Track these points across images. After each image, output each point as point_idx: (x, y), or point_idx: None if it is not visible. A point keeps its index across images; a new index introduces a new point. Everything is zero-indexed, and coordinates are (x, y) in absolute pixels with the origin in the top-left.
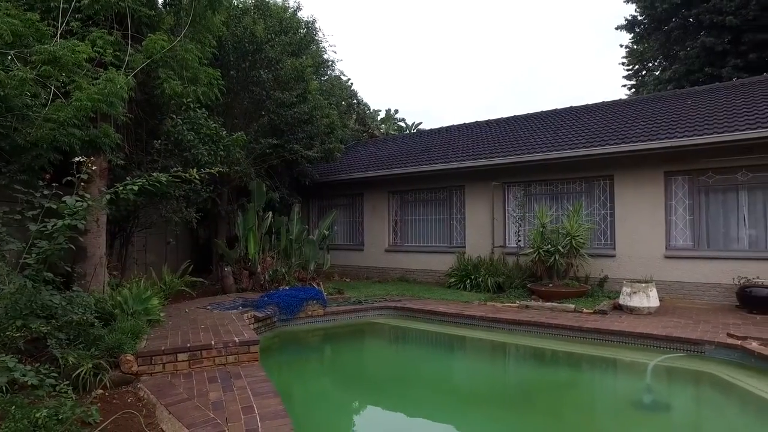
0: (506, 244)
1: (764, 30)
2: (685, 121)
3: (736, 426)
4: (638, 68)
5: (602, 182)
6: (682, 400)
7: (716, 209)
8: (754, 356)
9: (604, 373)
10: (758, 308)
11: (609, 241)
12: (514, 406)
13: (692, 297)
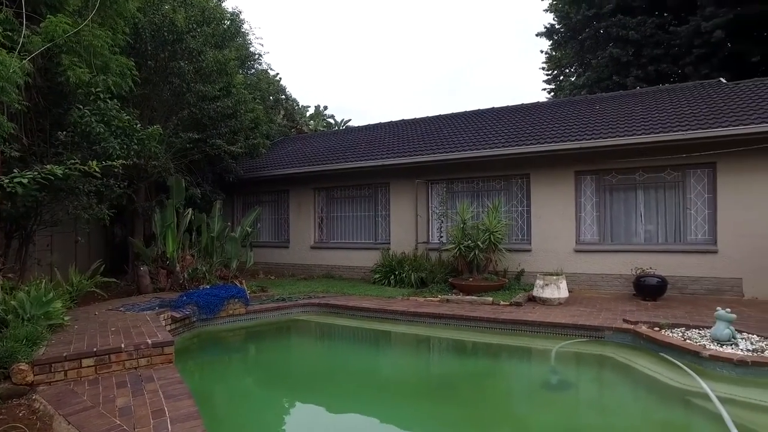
0: (429, 240)
1: (659, 46)
2: (594, 125)
3: (626, 399)
4: (556, 73)
5: (520, 180)
6: (583, 380)
7: (618, 206)
8: (643, 338)
9: (518, 360)
10: (650, 295)
11: (525, 237)
12: (436, 396)
13: (598, 287)
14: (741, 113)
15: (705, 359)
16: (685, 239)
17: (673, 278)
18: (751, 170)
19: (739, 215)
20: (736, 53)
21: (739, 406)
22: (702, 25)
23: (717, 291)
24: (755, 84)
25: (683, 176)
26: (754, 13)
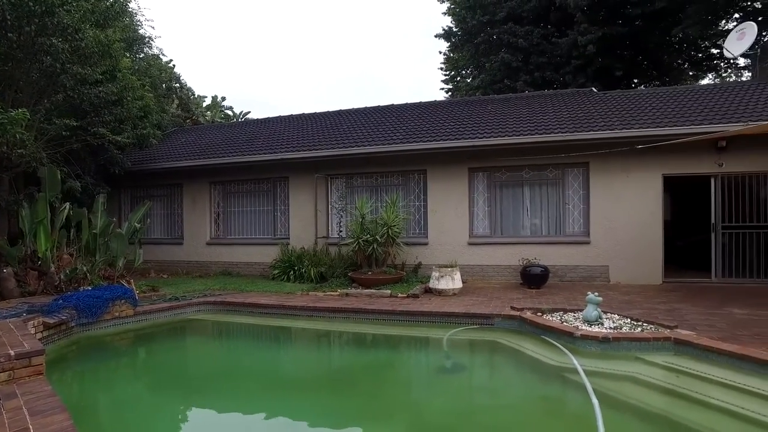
0: (329, 234)
1: (543, 54)
2: (486, 125)
3: (512, 379)
4: (454, 74)
5: (417, 176)
6: (474, 364)
7: (508, 202)
8: (528, 323)
9: (415, 349)
10: (534, 284)
11: (422, 231)
12: (337, 389)
13: (490, 278)
14: (608, 119)
15: (578, 338)
16: (564, 232)
17: (555, 267)
18: (615, 170)
19: (606, 210)
20: (605, 66)
21: (602, 376)
22: (578, 40)
23: (589, 278)
24: (620, 95)
25: (563, 174)
26: (618, 33)
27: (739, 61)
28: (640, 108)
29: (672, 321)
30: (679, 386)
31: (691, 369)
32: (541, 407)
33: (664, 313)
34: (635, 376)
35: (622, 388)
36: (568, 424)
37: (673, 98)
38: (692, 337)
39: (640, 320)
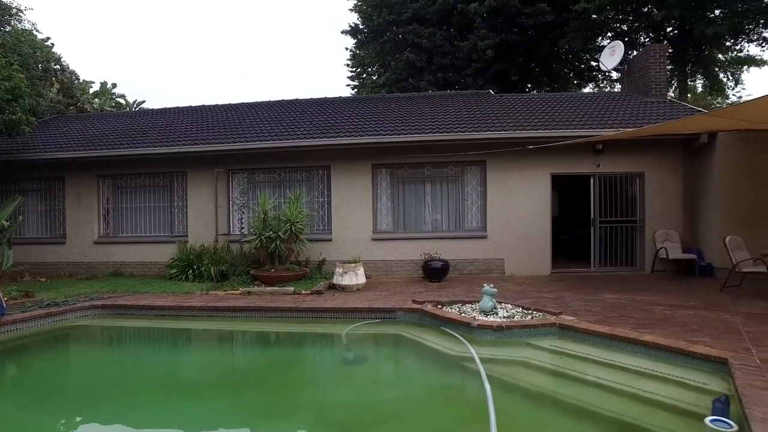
0: (230, 231)
1: (446, 56)
2: (390, 122)
3: (413, 370)
4: (360, 71)
5: (321, 172)
6: (376, 358)
7: (410, 198)
8: (429, 316)
9: (318, 345)
10: (436, 277)
11: (327, 227)
12: (240, 389)
13: (393, 273)
14: (504, 121)
15: (475, 328)
16: (463, 227)
17: (455, 261)
18: (510, 168)
19: (502, 206)
20: (502, 71)
21: (497, 362)
22: (478, 44)
23: (487, 270)
24: (514, 98)
25: (462, 172)
26: (514, 40)
27: (612, 74)
28: (531, 111)
29: (557, 308)
30: (562, 367)
31: (573, 350)
32: (440, 395)
33: (551, 301)
34: (525, 360)
35: (514, 372)
36: (464, 410)
37: (560, 104)
38: (573, 321)
39: (530, 309)
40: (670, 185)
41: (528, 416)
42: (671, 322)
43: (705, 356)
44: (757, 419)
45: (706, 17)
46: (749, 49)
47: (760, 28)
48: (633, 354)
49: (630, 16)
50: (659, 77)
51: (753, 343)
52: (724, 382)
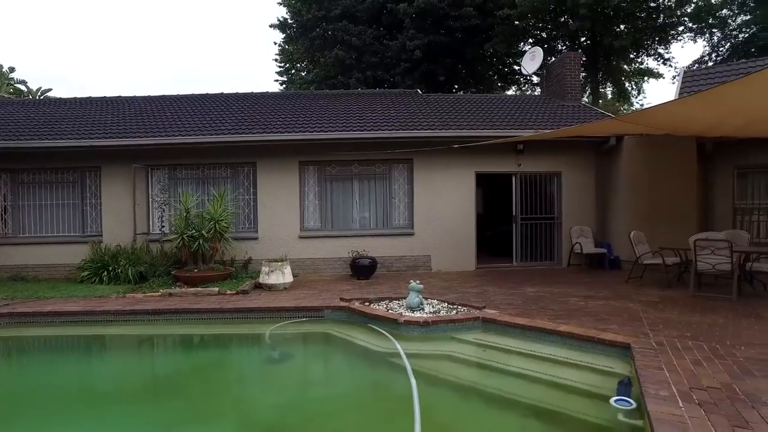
0: (150, 230)
1: (376, 55)
2: (318, 119)
3: (340, 367)
4: (288, 67)
5: (247, 168)
6: (303, 357)
7: (338, 195)
8: (356, 313)
9: (243, 347)
10: (364, 275)
11: (253, 225)
12: (160, 396)
13: (321, 271)
14: (430, 120)
15: (402, 325)
16: (391, 224)
17: (383, 258)
18: (436, 167)
19: (428, 203)
20: (430, 71)
21: (423, 357)
22: (407, 44)
23: (414, 267)
24: (441, 98)
25: (390, 169)
26: (441, 42)
27: (534, 78)
28: (457, 111)
29: (481, 302)
30: (485, 359)
31: (496, 342)
32: (367, 392)
33: (475, 296)
34: (451, 354)
35: (440, 366)
36: (391, 405)
37: (485, 105)
38: (496, 315)
39: (455, 303)
40: (584, 184)
41: (453, 408)
42: (584, 312)
43: (612, 342)
44: (651, 395)
45: (614, 31)
46: (648, 62)
47: (655, 44)
48: (550, 343)
49: (549, 25)
50: (574, 83)
51: (651, 328)
52: (627, 364)
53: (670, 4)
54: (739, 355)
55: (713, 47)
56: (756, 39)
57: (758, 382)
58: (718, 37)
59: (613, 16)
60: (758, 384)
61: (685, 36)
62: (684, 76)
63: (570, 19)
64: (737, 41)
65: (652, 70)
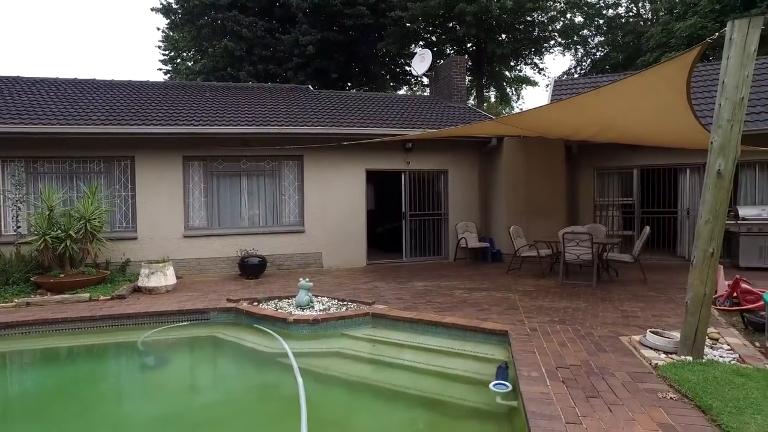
0: (2, 232)
1: (267, 48)
2: (204, 112)
3: (227, 371)
4: (174, 55)
5: (123, 163)
6: (187, 363)
7: (225, 192)
8: (244, 314)
9: (120, 356)
10: (253, 274)
11: (131, 224)
12: (16, 424)
13: (208, 271)
14: (321, 116)
15: (291, 324)
16: (281, 222)
17: (273, 256)
18: (326, 163)
19: (319, 200)
20: (323, 67)
21: (313, 355)
22: (300, 39)
23: (305, 264)
24: (332, 95)
25: (279, 166)
26: (335, 39)
27: (424, 80)
28: (348, 109)
29: (371, 298)
30: (375, 354)
31: (385, 337)
32: (256, 395)
33: (365, 292)
34: (341, 351)
35: (330, 364)
36: (279, 407)
37: (375, 103)
38: (385, 310)
39: (345, 300)
40: (469, 182)
41: (342, 404)
42: (468, 303)
43: (492, 331)
44: (524, 377)
45: (496, 39)
46: (526, 70)
47: (532, 55)
48: (437, 335)
49: (438, 29)
50: (460, 85)
51: (526, 316)
52: (506, 350)
53: (543, 20)
54: (596, 334)
55: (578, 61)
56: (609, 58)
57: (608, 356)
58: (581, 53)
59: (496, 26)
60: (608, 358)
61: (556, 49)
62: (554, 85)
63: (457, 25)
64: (596, 58)
65: (529, 78)
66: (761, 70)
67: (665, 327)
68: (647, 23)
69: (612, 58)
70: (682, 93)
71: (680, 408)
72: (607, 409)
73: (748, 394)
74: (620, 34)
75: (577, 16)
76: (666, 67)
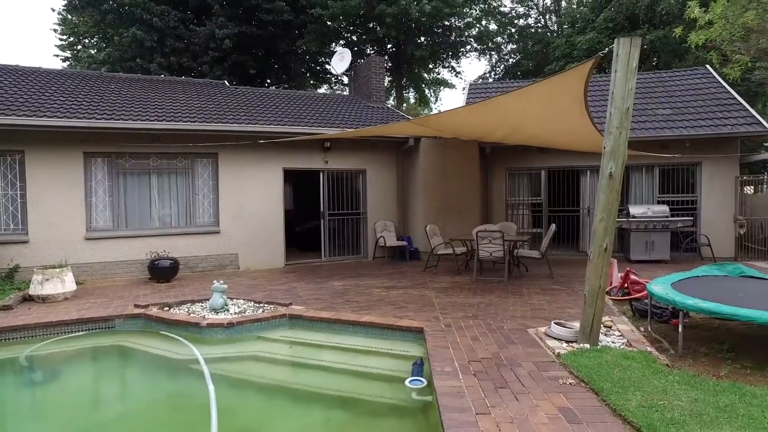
0: None
1: (181, 39)
2: (108, 105)
3: (135, 382)
4: (74, 41)
5: (10, 158)
6: (90, 374)
7: (133, 191)
8: (154, 320)
9: (5, 375)
10: (164, 278)
11: (20, 226)
12: None
13: (114, 275)
14: (237, 113)
15: (205, 328)
16: (195, 222)
17: (186, 258)
18: (243, 162)
19: (235, 200)
20: (241, 63)
21: (228, 360)
22: (216, 32)
23: (221, 266)
24: (249, 91)
25: (193, 164)
26: (253, 33)
27: (344, 79)
28: (266, 106)
29: (288, 299)
30: (292, 355)
31: (303, 338)
32: (165, 405)
33: (283, 293)
34: (257, 354)
35: (245, 368)
36: (190, 415)
37: (294, 101)
38: (303, 310)
39: (262, 302)
40: (387, 181)
41: (257, 409)
42: (386, 301)
43: (408, 328)
44: (437, 372)
45: (415, 41)
46: (444, 73)
47: (449, 58)
48: (355, 334)
49: (359, 29)
50: (379, 86)
51: (441, 312)
52: (421, 347)
53: (460, 26)
54: (506, 328)
55: (492, 67)
56: (520, 64)
57: (517, 348)
58: (495, 58)
59: (415, 29)
60: (517, 350)
61: (472, 54)
62: (469, 89)
63: (378, 26)
64: (509, 64)
65: (446, 80)
66: (645, 84)
67: (568, 318)
68: (553, 34)
69: (523, 65)
70: (580, 100)
71: (577, 392)
72: (514, 398)
73: (632, 374)
74: (530, 43)
75: (491, 24)
76: (566, 76)
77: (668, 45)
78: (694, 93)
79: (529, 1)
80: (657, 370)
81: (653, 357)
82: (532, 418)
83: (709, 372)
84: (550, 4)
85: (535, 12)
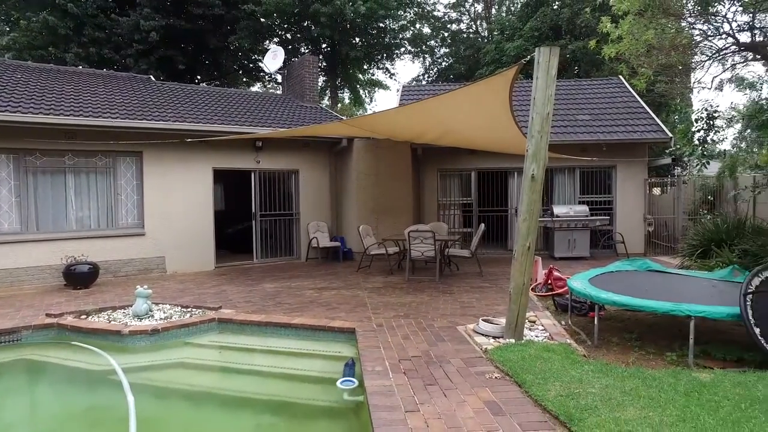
0: None
1: (102, 29)
2: (14, 97)
3: (44, 400)
4: None
5: None
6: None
7: (46, 191)
8: (69, 330)
9: None
10: (82, 284)
11: None
12: None
13: (21, 283)
14: (163, 110)
15: (127, 336)
16: (117, 224)
17: (107, 263)
18: (170, 161)
19: (161, 200)
20: (169, 57)
21: (154, 368)
22: (141, 23)
23: (146, 270)
24: (177, 87)
25: (114, 163)
26: (182, 27)
27: (278, 77)
28: (194, 103)
29: (218, 303)
30: (222, 360)
31: (233, 342)
32: (80, 421)
33: (212, 296)
34: (184, 361)
35: (171, 376)
36: (107, 431)
37: (224, 99)
38: (232, 314)
39: (189, 306)
40: (320, 182)
41: (182, 419)
42: (318, 303)
43: (340, 329)
44: (368, 372)
45: (350, 42)
46: (378, 74)
47: (384, 60)
48: (286, 337)
49: (294, 27)
50: (312, 85)
51: (373, 312)
52: (353, 347)
53: (395, 28)
54: (436, 326)
55: (426, 69)
56: (453, 68)
57: (446, 345)
58: (429, 61)
59: (350, 29)
60: (446, 347)
61: (406, 56)
62: (403, 90)
63: (312, 25)
64: (441, 67)
65: (381, 81)
66: (566, 90)
67: (496, 314)
68: (484, 40)
69: (455, 68)
70: (506, 104)
71: (502, 385)
72: (442, 395)
73: (552, 366)
74: (462, 47)
75: (425, 27)
76: (493, 81)
77: (587, 55)
78: (610, 101)
79: (461, 7)
80: (575, 361)
81: (572, 349)
82: (459, 412)
83: (620, 360)
84: (481, 11)
85: (467, 18)
